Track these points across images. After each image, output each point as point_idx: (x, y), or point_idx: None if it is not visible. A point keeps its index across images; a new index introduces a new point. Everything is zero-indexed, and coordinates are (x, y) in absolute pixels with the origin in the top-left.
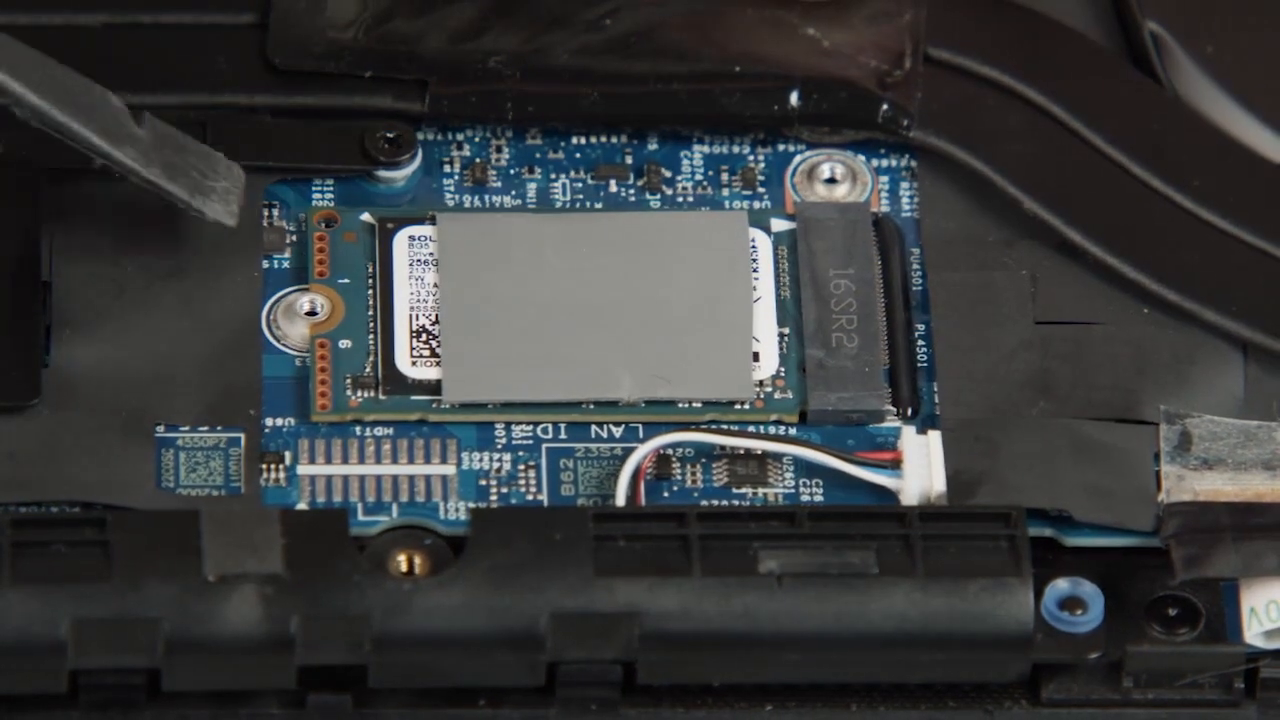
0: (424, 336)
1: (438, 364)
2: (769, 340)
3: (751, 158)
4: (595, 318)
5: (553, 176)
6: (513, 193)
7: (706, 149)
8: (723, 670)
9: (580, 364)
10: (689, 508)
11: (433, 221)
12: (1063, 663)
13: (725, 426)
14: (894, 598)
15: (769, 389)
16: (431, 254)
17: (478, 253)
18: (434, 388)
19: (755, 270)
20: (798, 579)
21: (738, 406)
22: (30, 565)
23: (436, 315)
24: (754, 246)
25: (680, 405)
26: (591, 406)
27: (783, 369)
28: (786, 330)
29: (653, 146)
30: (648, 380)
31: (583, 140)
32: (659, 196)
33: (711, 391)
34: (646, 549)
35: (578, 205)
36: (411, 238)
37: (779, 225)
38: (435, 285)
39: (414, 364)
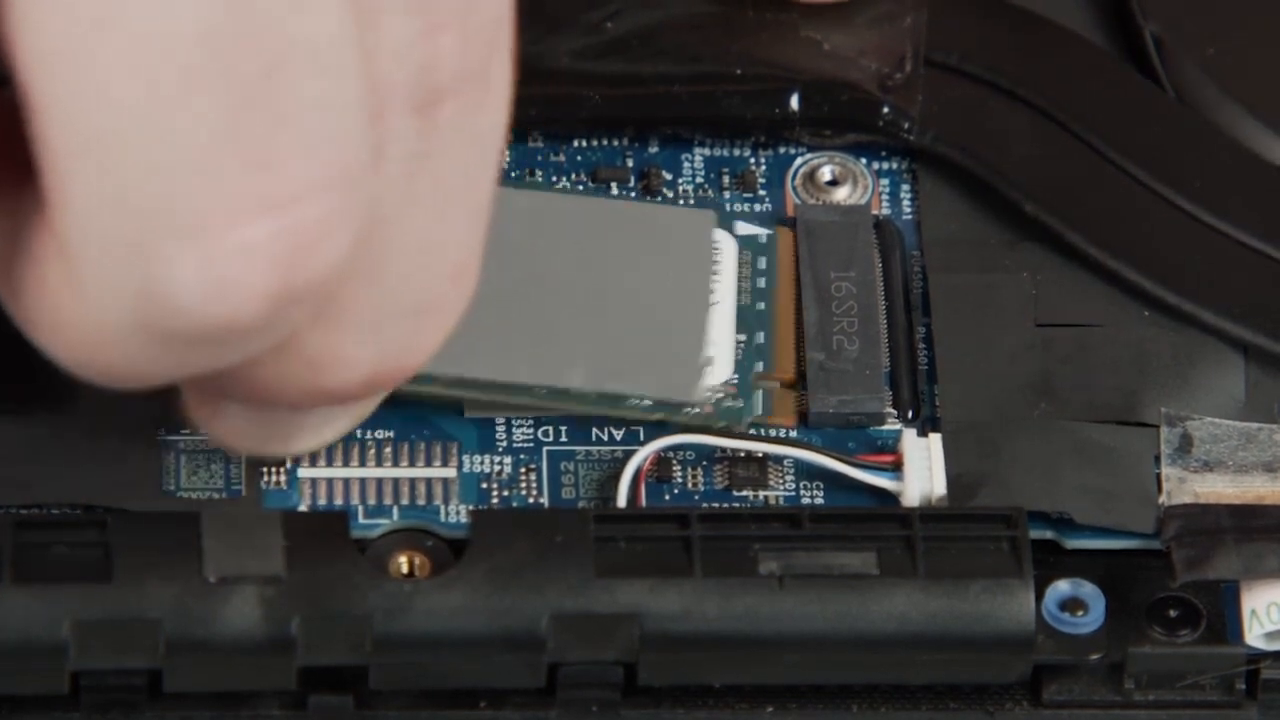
0: None
1: None
2: (724, 346)
3: (752, 160)
4: (553, 301)
5: (554, 179)
6: None
7: (707, 151)
8: (724, 671)
9: (535, 347)
10: (690, 509)
11: None
12: (1064, 664)
13: (726, 428)
14: (895, 599)
15: (719, 395)
16: None
17: None
18: None
19: (716, 273)
20: (799, 580)
21: (686, 410)
22: (32, 566)
23: None
24: (718, 248)
25: (631, 401)
26: (545, 392)
27: (735, 375)
28: (743, 337)
29: (653, 149)
30: (601, 372)
31: (583, 143)
32: (660, 199)
33: (661, 391)
34: (648, 550)
35: None
36: None
37: (745, 229)
38: None
39: None
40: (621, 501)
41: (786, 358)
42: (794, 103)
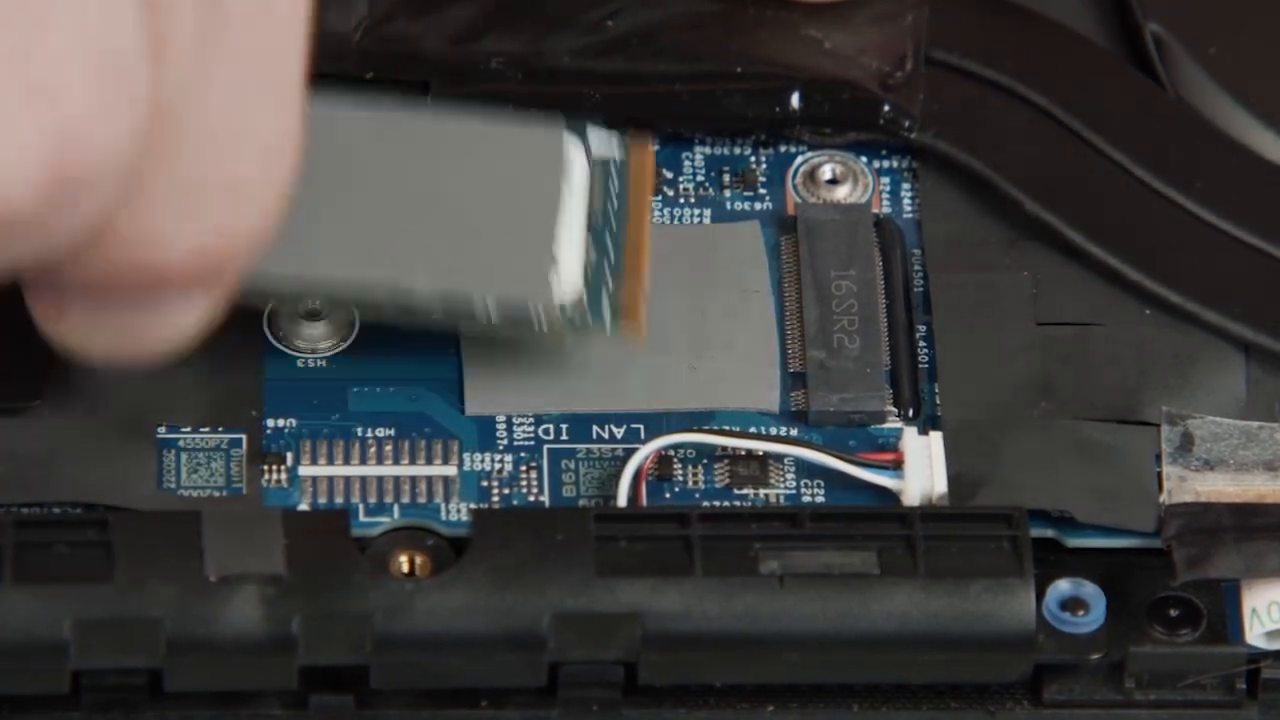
0: None
1: None
2: (574, 260)
3: (753, 159)
4: (404, 209)
5: None
6: None
7: (708, 150)
8: (724, 671)
9: (381, 248)
10: (691, 508)
11: None
12: (1065, 663)
13: (726, 428)
14: (895, 599)
15: (569, 301)
16: None
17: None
18: None
19: (568, 187)
20: (799, 580)
21: (534, 318)
22: (32, 566)
23: None
24: (570, 164)
25: (476, 304)
26: (388, 293)
27: (583, 291)
28: (593, 255)
29: (654, 148)
30: (446, 270)
31: None
32: (660, 198)
33: (508, 288)
34: (648, 550)
35: None
36: None
37: (599, 147)
38: None
39: None
40: (622, 500)
41: (635, 280)
42: (794, 101)
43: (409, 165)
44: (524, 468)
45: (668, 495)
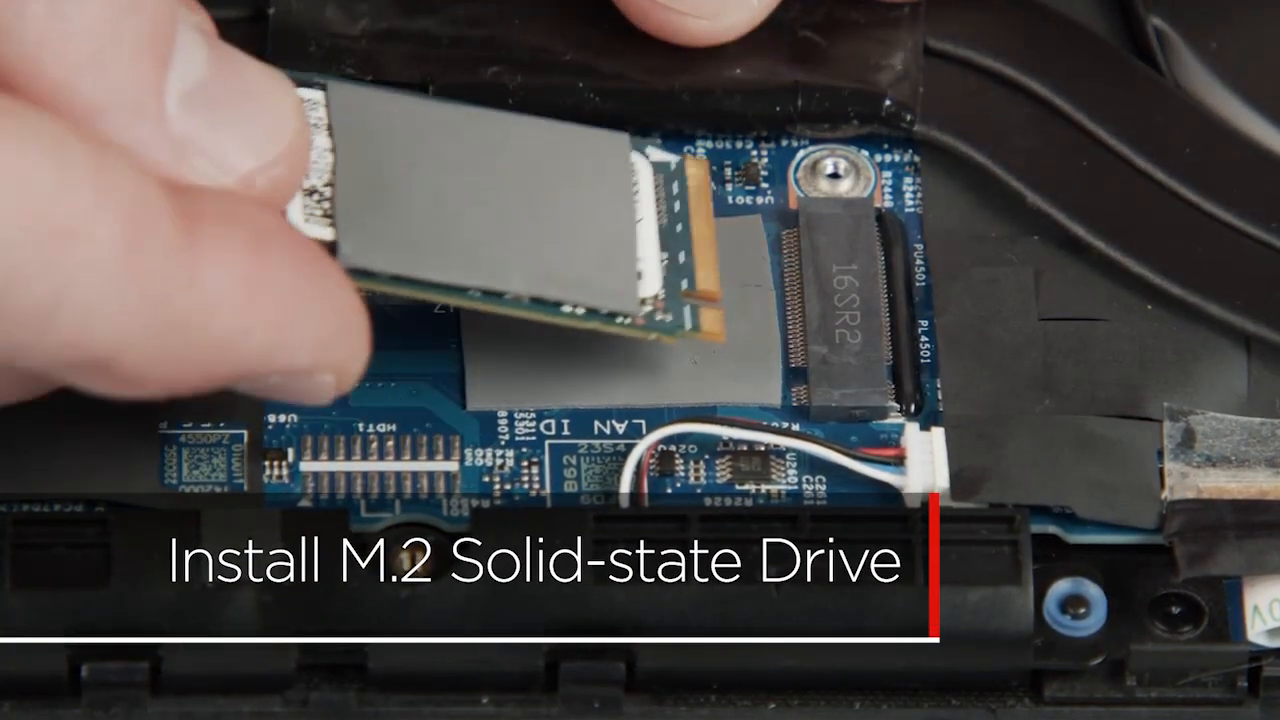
0: (315, 196)
1: (331, 225)
2: (651, 262)
3: (755, 153)
4: (490, 211)
5: None
6: None
7: (710, 144)
8: (722, 675)
9: (474, 251)
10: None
11: (322, 88)
12: (1065, 668)
13: (728, 417)
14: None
15: (649, 308)
16: (321, 119)
17: (370, 126)
18: (329, 249)
19: (637, 193)
20: (798, 581)
21: (619, 320)
22: (32, 566)
23: (330, 179)
24: (635, 170)
25: (565, 309)
26: (479, 295)
27: (663, 291)
28: (666, 256)
29: (656, 143)
30: (537, 278)
31: None
32: None
33: (597, 299)
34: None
35: None
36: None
37: (655, 155)
38: (329, 150)
39: (306, 221)
40: (625, 489)
41: (709, 277)
42: (795, 100)
43: (492, 164)
44: (525, 463)
45: (669, 490)
